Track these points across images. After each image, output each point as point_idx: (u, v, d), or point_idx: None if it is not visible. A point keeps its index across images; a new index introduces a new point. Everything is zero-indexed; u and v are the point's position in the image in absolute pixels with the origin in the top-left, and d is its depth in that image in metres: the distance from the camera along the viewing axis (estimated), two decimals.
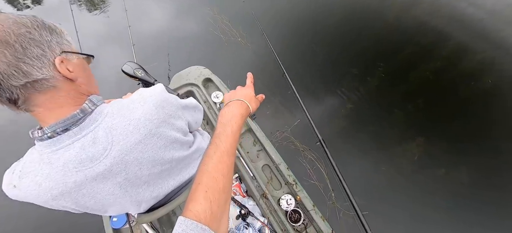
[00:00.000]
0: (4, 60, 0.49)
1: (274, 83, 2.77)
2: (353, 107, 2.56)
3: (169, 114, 0.70)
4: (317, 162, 2.17)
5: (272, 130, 2.39)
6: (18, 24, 0.52)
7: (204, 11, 3.46)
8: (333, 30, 3.28)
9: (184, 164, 0.84)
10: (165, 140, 0.69)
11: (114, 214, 0.78)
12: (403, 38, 3.12)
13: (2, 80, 0.49)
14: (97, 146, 0.59)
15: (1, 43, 0.49)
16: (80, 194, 0.63)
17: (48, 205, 0.64)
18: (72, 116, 0.57)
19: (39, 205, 0.64)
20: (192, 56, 3.02)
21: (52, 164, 0.58)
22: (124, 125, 0.62)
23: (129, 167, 0.65)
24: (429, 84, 2.70)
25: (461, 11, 3.31)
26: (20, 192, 0.61)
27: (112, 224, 1.36)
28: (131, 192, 0.71)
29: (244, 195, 1.53)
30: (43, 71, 0.53)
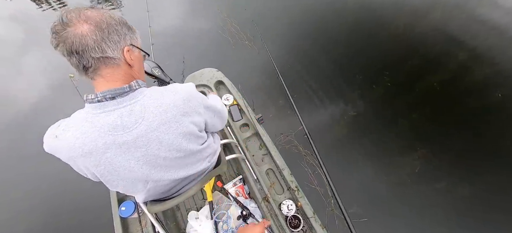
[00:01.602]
0: (93, 38, 0.64)
1: (280, 87, 2.75)
2: (356, 115, 2.53)
3: (192, 108, 0.79)
4: (319, 168, 2.14)
5: (276, 133, 2.37)
6: (111, 18, 0.68)
7: (215, 15, 3.43)
8: (342, 37, 3.23)
9: (194, 159, 0.89)
10: (184, 129, 0.77)
11: (120, 189, 0.83)
12: (411, 48, 3.05)
13: (86, 51, 0.64)
14: (131, 117, 0.70)
15: (97, 26, 0.64)
16: (104, 157, 0.71)
17: (73, 161, 0.72)
18: (121, 88, 0.69)
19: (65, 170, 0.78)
20: (202, 57, 3.01)
21: (93, 123, 0.68)
22: (155, 106, 0.72)
23: (150, 143, 0.73)
24: (435, 95, 2.64)
25: (472, 24, 3.21)
26: (58, 143, 0.70)
27: (120, 213, 1.37)
28: (144, 169, 0.77)
29: (246, 197, 1.52)
30: (114, 53, 0.68)
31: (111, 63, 0.69)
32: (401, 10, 3.47)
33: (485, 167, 2.18)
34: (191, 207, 1.58)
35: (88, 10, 0.66)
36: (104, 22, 0.65)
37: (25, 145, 2.54)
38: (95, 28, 0.64)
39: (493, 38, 3.04)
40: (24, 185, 2.28)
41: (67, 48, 0.63)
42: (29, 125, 2.67)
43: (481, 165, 2.19)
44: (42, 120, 2.71)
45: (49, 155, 0.74)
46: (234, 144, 1.53)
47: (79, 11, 0.64)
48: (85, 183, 2.20)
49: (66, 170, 2.10)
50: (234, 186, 1.56)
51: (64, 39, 0.62)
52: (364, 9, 3.51)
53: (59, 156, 0.72)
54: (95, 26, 0.64)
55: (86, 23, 0.63)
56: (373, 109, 2.59)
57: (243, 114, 1.69)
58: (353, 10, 3.50)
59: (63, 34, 0.62)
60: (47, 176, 2.29)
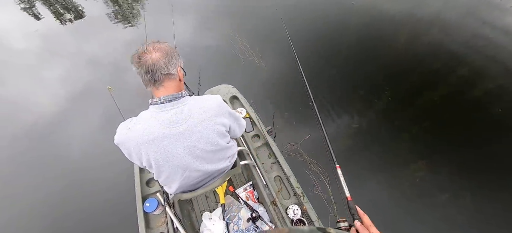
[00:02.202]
0: (164, 60, 0.91)
1: (287, 99, 2.87)
2: (359, 127, 2.62)
3: (222, 112, 1.06)
4: (322, 176, 2.24)
5: (283, 142, 2.48)
6: (171, 48, 0.97)
7: (226, 34, 3.57)
8: (345, 54, 3.33)
9: (220, 155, 1.14)
10: (216, 127, 1.03)
11: (163, 176, 1.06)
12: (411, 64, 3.13)
13: (158, 69, 0.90)
14: (181, 115, 0.96)
15: (166, 53, 0.93)
16: (162, 144, 0.95)
17: (138, 148, 0.96)
18: (176, 94, 0.96)
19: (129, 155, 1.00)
20: (215, 72, 3.15)
21: (156, 119, 0.94)
22: (198, 107, 0.99)
23: (193, 135, 0.98)
24: (436, 109, 2.70)
25: (471, 40, 3.29)
26: (131, 133, 0.95)
27: (145, 209, 1.50)
28: (186, 157, 1.01)
29: (255, 201, 1.63)
30: (174, 71, 0.96)
31: (172, 78, 0.95)
32: (401, 27, 3.57)
33: (486, 178, 2.23)
34: (205, 208, 1.70)
35: (157, 43, 0.94)
36: (169, 51, 0.94)
37: (45, 149, 2.70)
38: (163, 54, 0.91)
39: (491, 54, 3.11)
40: (47, 187, 2.43)
41: (145, 69, 0.89)
42: (48, 131, 2.83)
43: (481, 177, 2.24)
44: (59, 127, 2.87)
45: (70, 159, 0.89)
46: (246, 152, 1.65)
47: (153, 44, 0.93)
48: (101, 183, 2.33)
49: (84, 171, 2.22)
50: (245, 191, 1.68)
51: (144, 62, 0.89)
52: (366, 27, 3.62)
53: (128, 144, 0.96)
54: (163, 53, 0.91)
55: (158, 52, 0.91)
56: (375, 122, 2.67)
57: (255, 126, 1.82)
58: (355, 29, 3.62)
59: (143, 59, 0.90)
60: (71, 177, 2.44)
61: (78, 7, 4.36)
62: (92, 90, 3.11)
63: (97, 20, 4.04)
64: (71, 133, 2.80)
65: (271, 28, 3.65)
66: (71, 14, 4.24)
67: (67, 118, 2.95)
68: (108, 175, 2.35)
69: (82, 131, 2.80)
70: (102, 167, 2.44)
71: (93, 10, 4.25)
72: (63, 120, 2.92)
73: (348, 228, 0.77)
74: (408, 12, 3.75)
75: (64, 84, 3.28)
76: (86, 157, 2.58)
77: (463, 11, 3.67)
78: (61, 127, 2.86)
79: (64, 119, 2.93)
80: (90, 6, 4.34)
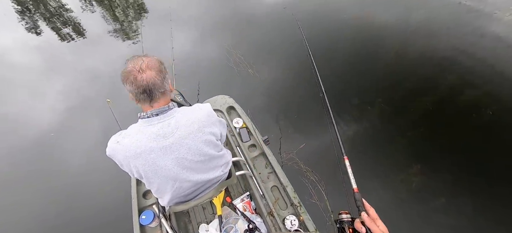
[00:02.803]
0: (159, 79, 0.90)
1: (280, 109, 2.89)
2: (354, 134, 2.62)
3: (211, 122, 1.04)
4: (319, 184, 2.22)
5: (280, 151, 2.47)
6: (160, 63, 0.94)
7: (222, 47, 3.62)
8: (339, 60, 3.37)
9: (212, 165, 1.11)
10: (205, 137, 1.01)
11: (154, 187, 1.05)
12: (403, 72, 3.17)
13: (156, 88, 0.90)
14: (168, 128, 0.94)
15: (159, 70, 0.91)
16: (149, 157, 0.94)
17: (127, 161, 0.95)
18: (163, 108, 0.95)
19: (119, 166, 1.00)
20: (211, 83, 3.17)
21: (143, 133, 0.93)
22: (186, 120, 0.97)
23: (181, 148, 0.96)
24: (429, 115, 2.72)
25: (460, 46, 3.34)
26: (119, 146, 0.94)
27: (141, 221, 1.46)
28: (175, 169, 0.99)
29: (253, 212, 1.61)
30: (167, 87, 0.95)
31: (166, 94, 0.96)
32: (393, 36, 3.64)
33: (481, 180, 2.23)
34: (202, 220, 1.67)
35: (145, 57, 0.92)
36: (160, 67, 0.92)
37: (45, 163, 2.67)
38: (157, 72, 0.90)
39: (479, 59, 3.16)
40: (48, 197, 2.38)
41: (142, 88, 0.88)
42: (47, 145, 2.81)
43: (476, 179, 2.24)
44: (59, 140, 2.85)
45: (67, 171, 0.87)
46: (243, 162, 1.63)
47: (143, 61, 0.89)
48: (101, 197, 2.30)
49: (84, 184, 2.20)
50: (242, 201, 1.65)
51: (140, 82, 0.87)
52: (360, 36, 3.69)
53: (118, 156, 0.95)
54: (156, 71, 0.90)
55: (152, 70, 0.89)
56: (370, 129, 2.69)
57: (251, 136, 1.81)
58: (350, 38, 3.68)
59: (139, 78, 0.87)
60: (67, 190, 2.40)
61: (78, 23, 4.40)
62: (92, 103, 3.10)
63: (97, 35, 4.08)
64: (71, 146, 2.78)
65: (266, 39, 3.70)
66: (70, 29, 4.27)
67: (67, 131, 2.93)
68: (107, 186, 2.31)
69: (81, 144, 2.78)
70: (101, 179, 2.41)
71: (94, 26, 4.29)
72: (63, 134, 2.90)
73: (351, 220, 0.76)
74: (397, 20, 3.83)
75: (64, 98, 3.27)
76: (85, 170, 2.56)
77: (448, 18, 3.75)
78: (62, 141, 2.84)
79: (64, 133, 2.91)
80: (91, 22, 4.39)
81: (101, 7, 4.72)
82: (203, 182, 1.11)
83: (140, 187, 1.66)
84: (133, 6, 4.70)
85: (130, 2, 4.82)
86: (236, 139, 1.80)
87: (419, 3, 4.09)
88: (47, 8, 4.83)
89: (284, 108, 2.89)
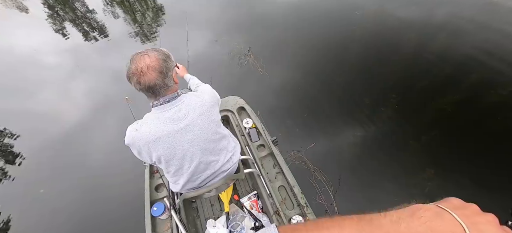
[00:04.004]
0: (161, 78, 0.95)
1: (290, 107, 2.84)
2: (365, 135, 2.52)
3: (215, 102, 1.13)
4: (326, 185, 2.17)
5: (288, 149, 2.43)
6: (164, 61, 0.97)
7: (233, 46, 3.61)
8: (352, 59, 3.26)
9: (222, 145, 1.18)
10: (214, 117, 1.10)
11: (173, 167, 1.11)
12: (420, 70, 3.00)
13: (158, 87, 0.96)
14: (181, 112, 1.03)
15: (160, 71, 0.94)
16: (168, 140, 1.02)
17: (147, 147, 1.03)
18: (173, 95, 1.02)
19: (138, 152, 1.07)
20: (222, 83, 3.15)
21: (159, 119, 1.01)
22: (195, 103, 1.06)
23: (195, 129, 1.05)
24: (446, 117, 2.55)
25: (484, 45, 3.11)
26: (139, 134, 1.02)
27: (152, 213, 1.49)
28: (191, 149, 1.07)
29: (259, 210, 1.59)
30: (171, 82, 1.00)
31: (170, 88, 1.01)
32: (409, 34, 3.48)
33: (499, 187, 2.05)
34: (210, 216, 1.67)
35: (148, 57, 0.94)
36: (163, 68, 0.96)
37: (70, 156, 2.78)
38: (159, 74, 0.94)
39: (506, 59, 2.93)
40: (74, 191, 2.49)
41: (145, 88, 0.95)
42: (72, 139, 2.93)
43: (494, 185, 2.06)
44: (83, 135, 2.97)
45: (90, 165, 0.88)
46: (251, 161, 1.62)
47: (145, 62, 0.94)
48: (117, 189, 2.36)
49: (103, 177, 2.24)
50: (249, 200, 1.64)
51: (143, 83, 0.94)
52: (372, 34, 3.56)
53: (138, 143, 1.03)
54: (159, 72, 0.94)
55: (154, 72, 0.93)
56: (383, 130, 2.57)
57: (260, 136, 1.80)
58: (361, 38, 3.56)
59: (142, 80, 0.94)
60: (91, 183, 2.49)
61: (102, 26, 4.57)
62: (112, 100, 3.20)
63: (119, 37, 4.22)
64: (92, 141, 2.90)
65: (278, 40, 3.66)
66: (96, 32, 4.44)
67: (89, 127, 3.04)
68: (123, 179, 2.38)
69: (101, 139, 2.88)
70: (118, 172, 2.48)
71: (116, 28, 4.44)
72: (85, 129, 3.02)
73: None
74: (416, 18, 3.65)
75: (87, 96, 3.41)
76: (103, 164, 2.65)
77: (474, 15, 3.51)
78: (84, 136, 2.96)
79: (86, 128, 3.03)
80: (113, 24, 4.54)
81: (123, 11, 4.87)
82: (214, 167, 1.18)
83: (152, 180, 1.69)
84: (152, 10, 4.82)
85: (150, 6, 4.95)
86: (246, 139, 1.79)
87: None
88: (74, 12, 5.05)
89: (294, 107, 2.84)
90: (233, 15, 4.32)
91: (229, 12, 4.40)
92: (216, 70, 3.37)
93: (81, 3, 5.28)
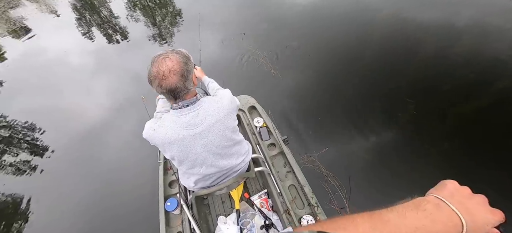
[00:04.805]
0: (182, 82, 0.95)
1: (303, 110, 2.82)
2: (381, 142, 2.45)
3: (233, 109, 1.14)
4: (340, 190, 2.12)
5: (301, 152, 2.41)
6: (185, 64, 0.97)
7: (245, 48, 3.67)
8: (368, 62, 3.19)
9: (234, 150, 1.19)
10: (230, 124, 1.11)
11: (183, 168, 1.16)
12: (441, 75, 2.87)
13: (179, 91, 0.96)
14: (198, 118, 1.04)
15: (181, 75, 0.95)
16: (182, 143, 1.05)
17: (162, 146, 1.07)
18: (192, 100, 1.03)
19: (157, 147, 1.10)
20: (235, 82, 3.22)
21: (176, 123, 1.03)
22: (212, 109, 1.06)
23: (210, 135, 1.06)
24: (469, 125, 2.43)
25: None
26: (154, 133, 1.05)
27: (166, 207, 1.54)
28: (204, 153, 1.09)
29: (270, 209, 1.59)
30: (191, 85, 1.00)
31: (190, 91, 1.02)
32: (430, 36, 3.36)
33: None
34: (221, 213, 1.69)
35: (169, 60, 0.94)
36: (184, 71, 0.96)
37: (92, 151, 2.93)
38: (181, 77, 0.95)
39: None
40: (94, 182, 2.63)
41: (167, 91, 0.96)
42: (91, 135, 3.09)
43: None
44: (104, 131, 3.13)
45: (107, 160, 0.92)
46: (262, 160, 1.63)
47: (167, 65, 0.94)
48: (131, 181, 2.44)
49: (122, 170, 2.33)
50: (259, 198, 1.65)
51: (165, 86, 0.94)
52: (390, 37, 3.47)
53: (155, 141, 1.06)
54: (180, 76, 0.95)
55: (175, 75, 0.94)
56: (399, 137, 2.49)
57: (271, 135, 1.81)
58: (378, 39, 3.49)
59: (164, 84, 0.94)
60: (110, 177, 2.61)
61: (124, 28, 4.82)
62: (130, 98, 3.35)
63: (139, 39, 4.43)
64: (110, 138, 3.04)
65: (292, 42, 3.66)
66: (118, 35, 4.69)
67: (108, 124, 3.20)
68: (139, 175, 2.47)
69: (119, 136, 3.01)
70: (135, 168, 2.58)
71: (136, 31, 4.66)
72: (104, 126, 3.18)
73: None
74: (436, 21, 3.53)
75: (108, 95, 3.59)
76: (121, 159, 2.76)
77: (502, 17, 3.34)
78: (103, 132, 3.12)
79: (106, 125, 3.19)
80: (134, 27, 4.77)
81: (144, 15, 5.12)
82: (226, 169, 1.19)
83: (166, 176, 1.75)
84: (171, 14, 5.01)
85: (169, 10, 5.15)
86: (256, 138, 1.80)
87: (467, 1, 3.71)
88: (100, 15, 5.37)
89: (307, 110, 2.82)
90: (248, 16, 4.38)
91: (244, 14, 4.47)
92: (229, 70, 3.43)
93: (106, 8, 5.60)
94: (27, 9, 6.07)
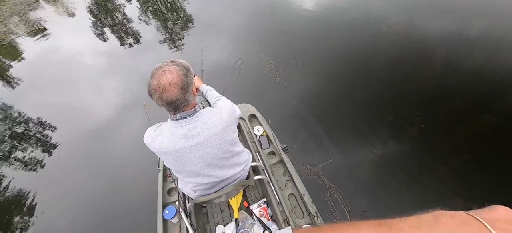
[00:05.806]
0: (182, 94, 0.95)
1: (307, 119, 2.79)
2: (387, 154, 2.39)
3: (232, 121, 1.12)
4: (342, 204, 2.07)
5: (303, 162, 2.38)
6: (183, 74, 0.96)
7: (252, 55, 3.68)
8: (375, 73, 3.15)
9: (233, 162, 1.18)
10: (228, 136, 1.09)
11: (181, 175, 1.17)
12: (450, 88, 2.82)
13: (179, 103, 0.96)
14: (195, 130, 1.03)
15: (181, 87, 0.94)
16: (178, 154, 1.06)
17: (159, 154, 1.10)
18: (190, 112, 1.03)
19: (156, 154, 1.12)
20: (237, 90, 3.23)
21: (173, 134, 1.04)
22: (210, 122, 1.05)
23: (206, 147, 1.06)
24: (482, 140, 2.37)
25: None
26: (152, 142, 1.06)
27: (164, 215, 1.53)
28: (200, 164, 1.09)
29: (269, 218, 1.57)
30: (191, 97, 1.00)
31: (190, 103, 1.02)
32: (439, 48, 3.29)
33: None
34: (219, 222, 1.68)
35: (169, 73, 0.93)
36: (184, 83, 0.95)
37: (98, 147, 2.99)
38: (181, 90, 0.95)
39: None
40: None
41: (167, 103, 0.96)
42: (98, 134, 3.16)
43: None
44: (110, 129, 3.19)
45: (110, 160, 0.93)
46: (261, 168, 1.62)
47: (167, 78, 0.93)
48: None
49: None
50: (259, 207, 1.63)
51: (165, 99, 0.94)
52: (398, 47, 3.42)
53: (152, 149, 1.08)
54: (179, 89, 0.94)
55: (175, 88, 0.94)
56: (406, 151, 2.43)
57: (271, 143, 1.80)
58: (386, 49, 3.44)
59: (164, 97, 0.94)
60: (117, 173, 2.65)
61: (136, 32, 4.96)
62: (138, 101, 3.41)
63: (150, 42, 4.54)
64: (115, 139, 3.09)
65: (298, 50, 3.66)
66: (130, 38, 4.83)
67: (113, 125, 3.26)
68: (142, 174, 2.49)
69: (123, 137, 3.06)
70: (140, 166, 2.60)
71: (147, 34, 4.79)
72: (110, 126, 3.24)
73: None
74: (448, 31, 3.45)
75: (115, 96, 3.67)
76: (123, 161, 2.80)
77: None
78: (109, 132, 3.18)
79: (110, 126, 3.25)
80: (145, 31, 4.90)
81: (156, 20, 5.25)
82: (224, 178, 1.19)
83: (165, 183, 1.75)
84: (182, 19, 5.12)
85: (181, 16, 5.27)
86: (256, 146, 1.80)
87: (482, 10, 3.62)
88: (113, 19, 5.55)
89: (312, 119, 2.79)
90: (255, 23, 4.43)
91: (251, 21, 4.52)
92: (233, 76, 3.45)
93: (120, 13, 5.79)
94: (45, 11, 6.36)
